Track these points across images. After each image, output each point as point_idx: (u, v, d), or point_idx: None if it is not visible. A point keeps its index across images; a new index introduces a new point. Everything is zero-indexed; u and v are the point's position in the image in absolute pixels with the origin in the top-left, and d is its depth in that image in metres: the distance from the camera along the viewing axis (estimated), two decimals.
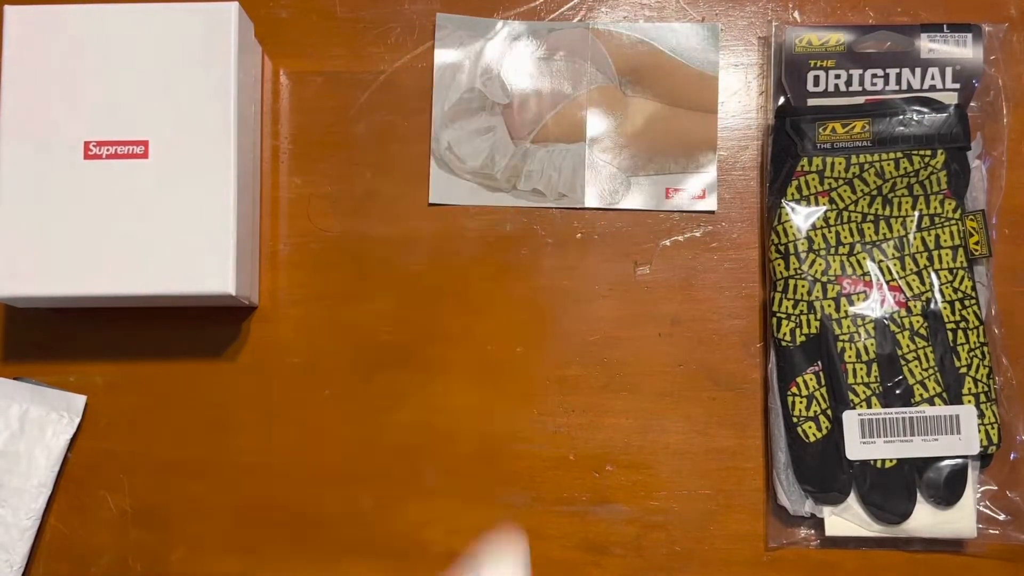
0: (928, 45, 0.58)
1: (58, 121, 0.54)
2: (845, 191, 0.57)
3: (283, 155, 0.60)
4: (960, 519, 0.55)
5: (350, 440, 0.58)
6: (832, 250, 0.57)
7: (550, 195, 0.59)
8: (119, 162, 0.54)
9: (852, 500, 0.55)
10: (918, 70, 0.58)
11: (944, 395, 0.55)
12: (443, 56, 0.60)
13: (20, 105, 0.54)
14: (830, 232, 0.57)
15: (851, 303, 0.56)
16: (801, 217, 0.57)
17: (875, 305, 0.56)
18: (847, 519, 0.55)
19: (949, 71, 0.58)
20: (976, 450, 0.55)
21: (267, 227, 0.60)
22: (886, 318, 0.56)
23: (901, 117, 0.57)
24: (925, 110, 0.57)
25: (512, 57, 0.60)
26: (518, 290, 0.59)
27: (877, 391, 0.55)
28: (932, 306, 0.56)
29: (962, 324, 0.56)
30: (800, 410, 0.56)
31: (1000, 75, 0.58)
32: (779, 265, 0.57)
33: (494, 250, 0.59)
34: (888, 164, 0.57)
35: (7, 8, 0.55)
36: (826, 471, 0.55)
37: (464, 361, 0.59)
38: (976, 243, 0.56)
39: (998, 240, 0.58)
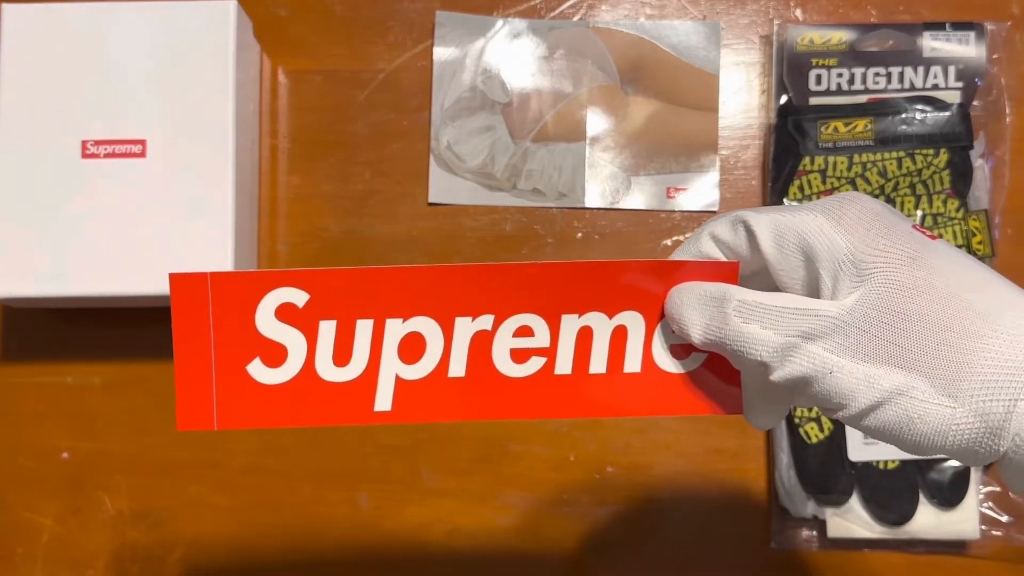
0: (931, 44, 0.58)
1: (55, 120, 0.54)
2: (847, 190, 0.57)
3: (282, 154, 0.60)
4: (963, 520, 0.55)
5: (350, 440, 0.58)
6: None
7: (550, 194, 0.59)
8: (117, 161, 0.53)
9: (854, 501, 0.55)
10: (920, 69, 0.58)
11: None
12: (442, 54, 0.60)
13: (17, 104, 0.54)
14: None
15: None
16: None
17: None
18: (849, 521, 0.55)
19: (952, 70, 0.58)
20: None
21: (266, 227, 0.59)
22: None
23: (903, 116, 0.57)
24: (928, 109, 0.57)
25: (512, 55, 0.60)
26: None
27: None
28: None
29: None
30: (802, 411, 0.55)
31: (1003, 74, 0.58)
32: None
33: (494, 250, 0.59)
34: (891, 163, 0.57)
35: (5, 6, 0.55)
36: (828, 472, 0.55)
37: None
38: (979, 243, 0.56)
39: (1001, 240, 0.58)
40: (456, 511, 0.58)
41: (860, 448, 0.55)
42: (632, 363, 0.36)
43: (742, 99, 0.60)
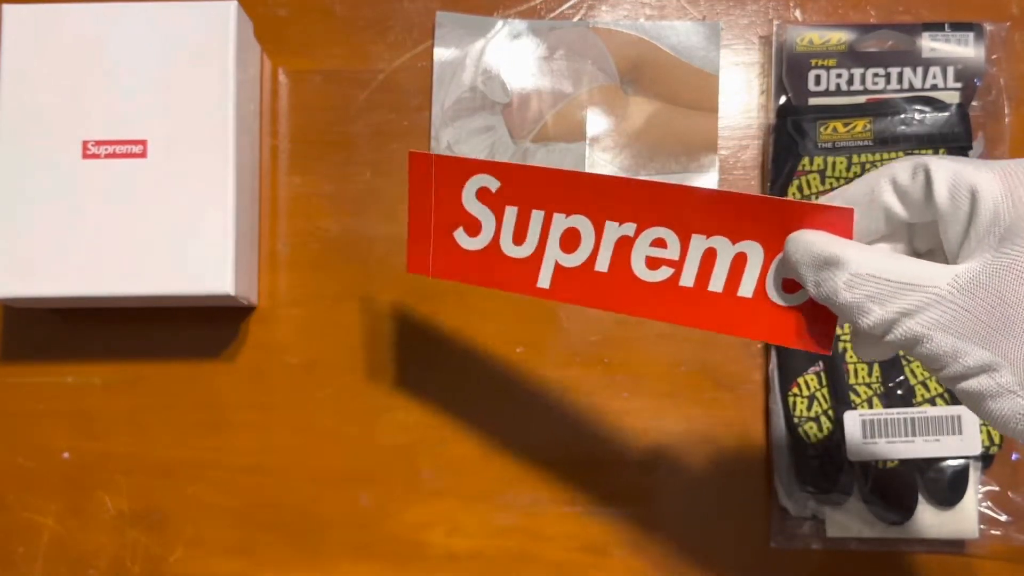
0: (930, 44, 0.58)
1: (56, 120, 0.54)
2: None
3: (282, 154, 0.60)
4: (962, 520, 0.55)
5: (350, 440, 0.58)
6: None
7: None
8: (117, 161, 0.53)
9: (854, 501, 0.55)
10: (920, 69, 0.58)
11: (946, 395, 0.55)
12: (443, 55, 0.60)
13: (18, 104, 0.54)
14: None
15: None
16: None
17: None
18: (848, 520, 0.55)
19: (951, 70, 0.58)
20: (978, 451, 0.55)
21: (266, 227, 0.60)
22: None
23: (903, 116, 0.57)
24: (927, 109, 0.57)
25: (512, 56, 0.60)
26: None
27: (879, 391, 0.55)
28: None
29: None
30: (801, 411, 0.55)
31: (1002, 74, 0.58)
32: None
33: None
34: None
35: (5, 6, 0.55)
36: (827, 472, 0.55)
37: (464, 361, 0.58)
38: None
39: None
40: (456, 510, 0.58)
41: (859, 448, 0.55)
42: (746, 288, 0.39)
43: (741, 99, 0.60)
